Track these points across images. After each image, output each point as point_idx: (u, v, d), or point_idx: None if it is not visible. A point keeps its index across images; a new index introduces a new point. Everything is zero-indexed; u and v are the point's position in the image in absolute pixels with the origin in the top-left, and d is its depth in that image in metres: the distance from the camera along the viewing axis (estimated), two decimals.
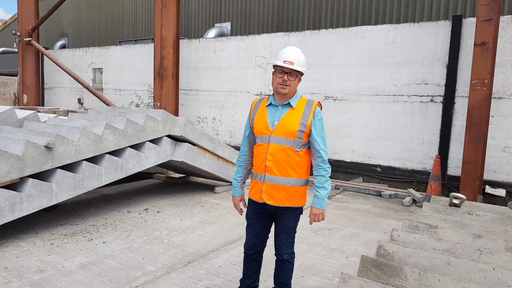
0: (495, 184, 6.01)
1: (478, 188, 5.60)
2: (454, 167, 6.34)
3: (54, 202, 4.16)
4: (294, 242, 2.70)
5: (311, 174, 2.61)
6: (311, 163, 2.63)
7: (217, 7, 11.18)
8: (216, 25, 11.15)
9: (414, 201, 6.10)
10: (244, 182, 2.86)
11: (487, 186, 6.00)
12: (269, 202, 2.55)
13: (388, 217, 5.28)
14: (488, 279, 2.25)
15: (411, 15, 8.18)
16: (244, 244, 2.82)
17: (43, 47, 11.88)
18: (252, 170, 2.75)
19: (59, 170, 4.17)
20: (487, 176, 6.02)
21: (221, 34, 10.51)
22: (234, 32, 10.74)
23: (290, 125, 2.49)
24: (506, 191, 5.87)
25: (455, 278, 2.26)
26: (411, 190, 6.31)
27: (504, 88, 5.92)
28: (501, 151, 5.98)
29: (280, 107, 2.56)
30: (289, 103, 2.55)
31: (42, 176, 4.16)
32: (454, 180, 6.27)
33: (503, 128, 5.95)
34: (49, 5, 15.48)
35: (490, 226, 3.02)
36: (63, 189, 4.21)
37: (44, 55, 11.68)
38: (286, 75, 2.48)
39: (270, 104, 2.60)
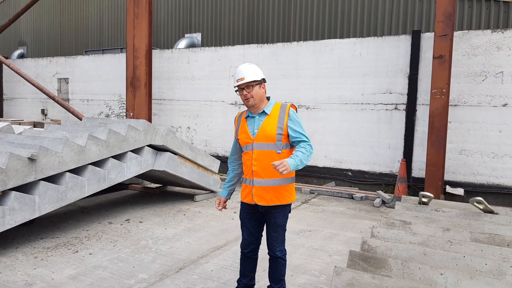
0: (454, 184, 6.58)
1: (440, 188, 6.13)
2: (418, 169, 6.86)
3: (37, 215, 4.09)
4: (284, 239, 2.91)
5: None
6: None
7: (187, 18, 11.28)
8: (186, 35, 11.25)
9: (383, 202, 6.53)
10: (233, 186, 3.06)
11: (447, 186, 6.55)
12: (260, 203, 2.77)
13: (361, 218, 5.64)
14: (460, 265, 2.58)
15: (373, 29, 8.76)
16: (241, 243, 2.99)
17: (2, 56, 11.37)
18: (240, 175, 3.03)
19: (42, 182, 4.11)
20: (447, 177, 6.58)
21: (191, 45, 10.62)
22: (204, 43, 10.89)
23: (269, 131, 2.74)
24: (464, 190, 6.45)
25: (433, 266, 2.56)
26: (380, 192, 6.75)
27: (459, 97, 6.54)
28: (458, 153, 6.57)
29: (257, 116, 2.81)
30: (263, 111, 2.79)
31: (25, 188, 4.08)
32: (418, 182, 6.79)
33: (459, 132, 6.55)
34: (4, 11, 14.80)
35: (456, 220, 3.39)
36: (46, 201, 4.15)
37: (4, 65, 11.19)
38: (243, 90, 2.75)
39: (248, 116, 2.86)
